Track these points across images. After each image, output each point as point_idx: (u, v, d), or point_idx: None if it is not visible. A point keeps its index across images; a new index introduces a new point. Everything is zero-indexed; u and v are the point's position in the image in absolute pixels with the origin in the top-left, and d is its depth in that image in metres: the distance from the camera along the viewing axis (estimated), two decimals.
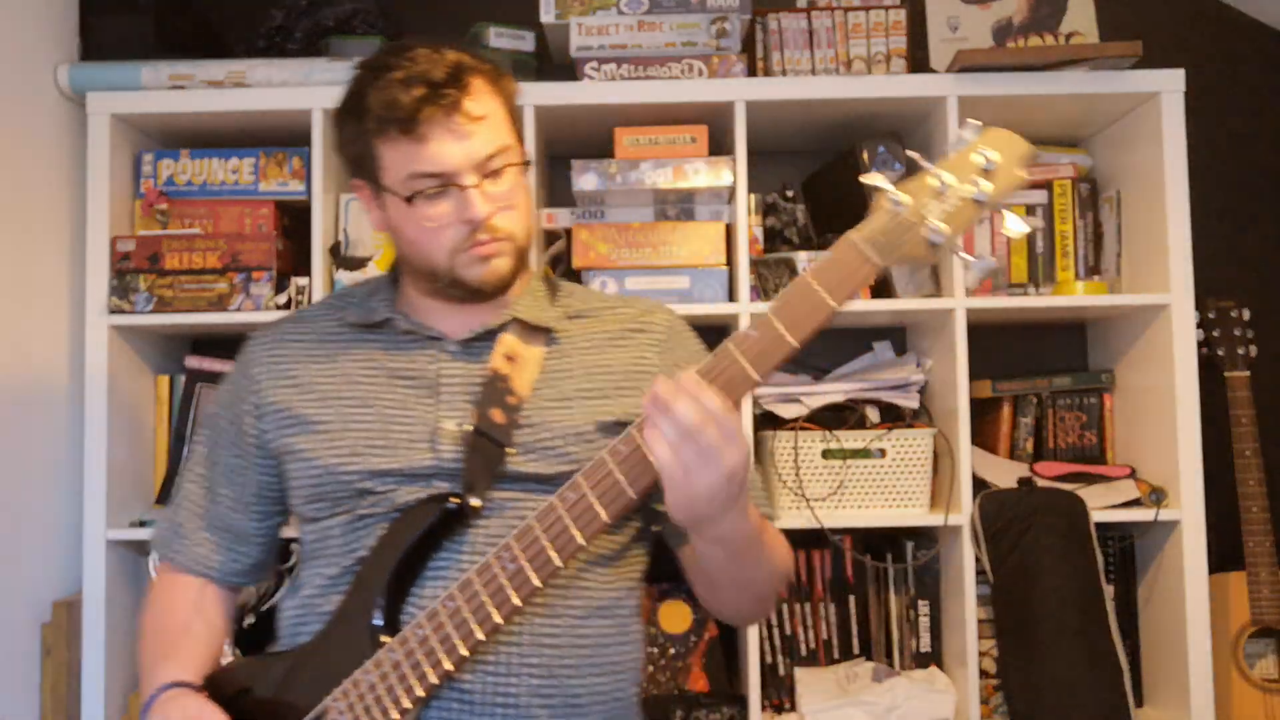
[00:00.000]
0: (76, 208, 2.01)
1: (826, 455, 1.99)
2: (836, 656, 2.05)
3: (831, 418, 2.03)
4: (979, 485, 2.00)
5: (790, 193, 2.15)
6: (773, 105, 1.97)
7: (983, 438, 2.14)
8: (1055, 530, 1.93)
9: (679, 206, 2.03)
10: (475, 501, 1.15)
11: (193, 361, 2.08)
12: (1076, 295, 2.03)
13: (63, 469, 1.97)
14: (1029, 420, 2.14)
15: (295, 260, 2.05)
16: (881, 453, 2.00)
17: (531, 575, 1.08)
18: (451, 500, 1.15)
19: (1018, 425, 2.14)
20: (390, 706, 1.09)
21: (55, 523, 1.95)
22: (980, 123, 1.06)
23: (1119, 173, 2.13)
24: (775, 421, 2.03)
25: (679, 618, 2.04)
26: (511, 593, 1.08)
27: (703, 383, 1.01)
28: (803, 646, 2.05)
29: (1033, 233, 2.14)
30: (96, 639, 1.88)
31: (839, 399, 2.04)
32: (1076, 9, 2.14)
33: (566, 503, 1.07)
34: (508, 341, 1.23)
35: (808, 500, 1.97)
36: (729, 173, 1.95)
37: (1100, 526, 1.97)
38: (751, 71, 2.07)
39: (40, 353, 1.92)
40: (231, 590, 1.33)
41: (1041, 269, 2.14)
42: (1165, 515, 1.93)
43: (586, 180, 1.97)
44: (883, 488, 2.00)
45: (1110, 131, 2.15)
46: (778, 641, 2.05)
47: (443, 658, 1.09)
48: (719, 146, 2.05)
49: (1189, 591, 1.91)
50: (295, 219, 2.08)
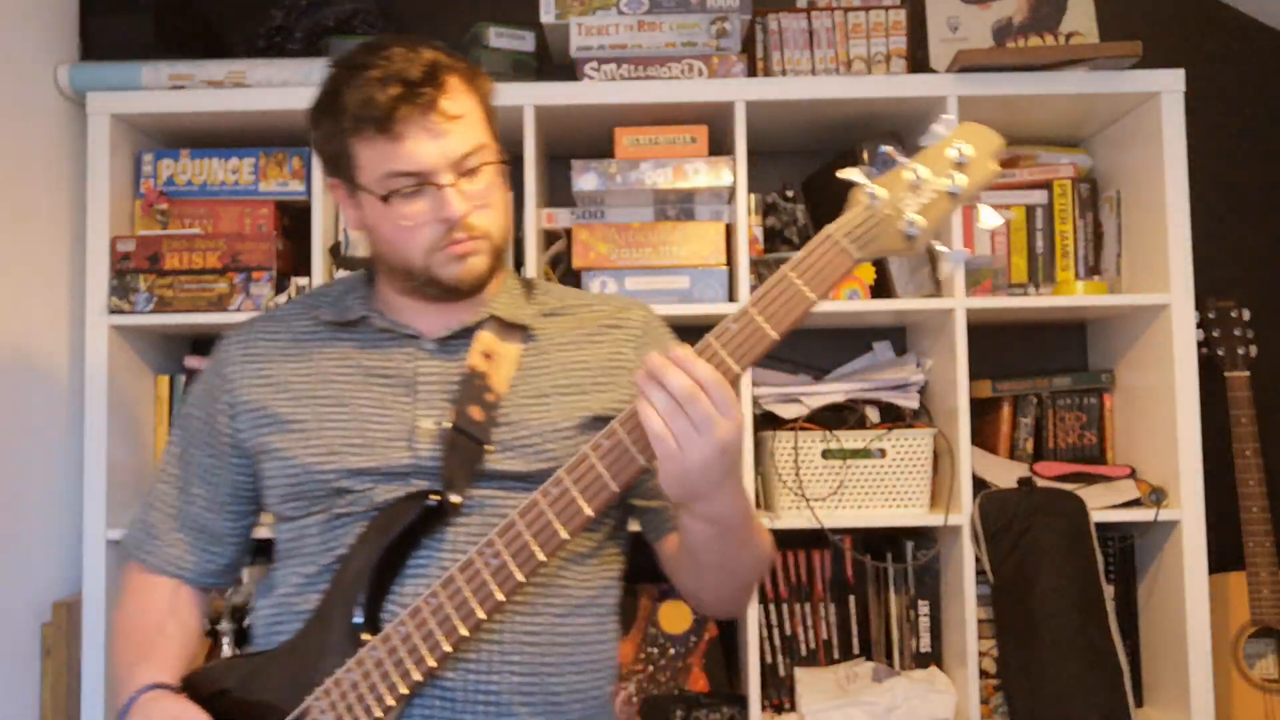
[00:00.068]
0: (76, 208, 2.01)
1: (826, 455, 1.99)
2: (836, 656, 2.05)
3: (831, 418, 2.03)
4: (979, 485, 2.00)
5: (790, 193, 2.15)
6: (773, 105, 1.97)
7: (983, 438, 2.14)
8: (1055, 530, 1.94)
9: (679, 206, 2.03)
10: (455, 498, 1.15)
11: (193, 361, 2.09)
12: (1076, 295, 2.03)
13: (63, 469, 1.97)
14: (1029, 420, 2.14)
15: (295, 260, 2.05)
16: (881, 453, 2.00)
17: (515, 570, 1.07)
18: (431, 497, 1.14)
19: (1018, 425, 2.14)
20: (373, 704, 1.09)
21: (55, 523, 1.95)
22: (953, 117, 1.08)
23: (1119, 173, 2.13)
24: (775, 421, 2.03)
25: (679, 618, 2.04)
26: (495, 588, 1.08)
27: (695, 355, 1.01)
28: (803, 646, 2.05)
29: (1033, 233, 2.14)
30: (96, 639, 1.88)
31: (839, 399, 2.04)
32: (1076, 9, 2.14)
33: (549, 497, 1.07)
34: (485, 339, 1.23)
35: (808, 500, 1.97)
36: (729, 173, 1.95)
37: (1100, 526, 1.97)
38: (751, 71, 2.07)
39: (40, 353, 1.92)
40: (204, 591, 1.32)
41: (1041, 269, 2.14)
42: (1165, 515, 1.93)
43: (586, 180, 1.97)
44: (883, 488, 2.00)
45: (1110, 131, 2.15)
46: (778, 641, 2.05)
47: (426, 655, 1.08)
48: (719, 146, 2.05)
49: (1189, 591, 1.91)
50: (295, 219, 2.08)
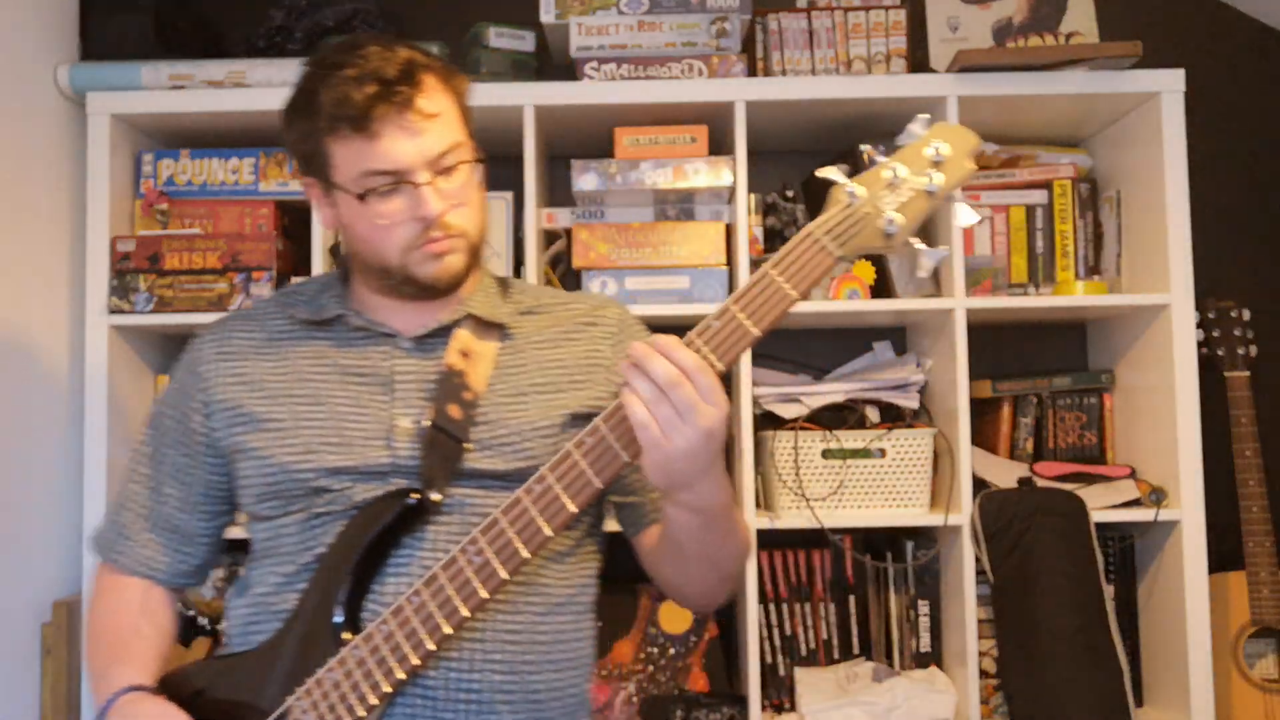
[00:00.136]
0: (76, 208, 2.01)
1: (826, 455, 1.99)
2: (836, 656, 2.05)
3: (831, 418, 2.03)
4: (979, 485, 2.00)
5: (790, 193, 2.15)
6: (773, 105, 1.97)
7: (983, 438, 2.14)
8: (1055, 530, 1.94)
9: (679, 206, 2.03)
10: (435, 496, 1.15)
11: None
12: (1076, 295, 2.03)
13: (63, 469, 1.97)
14: (1029, 420, 2.14)
15: (295, 260, 2.05)
16: (881, 453, 2.00)
17: (499, 568, 1.07)
18: (412, 496, 1.14)
19: (1018, 425, 2.14)
20: (356, 704, 1.09)
21: (55, 523, 1.95)
22: (929, 116, 1.09)
23: (1119, 173, 2.13)
24: (775, 421, 2.03)
25: (679, 618, 2.04)
26: (479, 585, 1.08)
27: (678, 342, 1.01)
28: (803, 646, 2.05)
29: (1033, 233, 2.14)
30: None
31: (839, 399, 2.04)
32: (1076, 9, 2.14)
33: (532, 495, 1.07)
34: (462, 337, 1.23)
35: (808, 500, 1.97)
36: (729, 173, 1.95)
37: (1100, 526, 1.97)
38: (751, 71, 2.07)
39: (40, 353, 1.92)
40: (175, 591, 1.31)
41: (1041, 269, 2.14)
42: (1165, 515, 1.93)
43: (586, 180, 1.97)
44: (883, 488, 2.00)
45: (1110, 131, 2.15)
46: (778, 641, 2.05)
47: (409, 653, 1.08)
48: (719, 146, 2.05)
49: (1189, 591, 1.91)
50: (295, 219, 2.08)
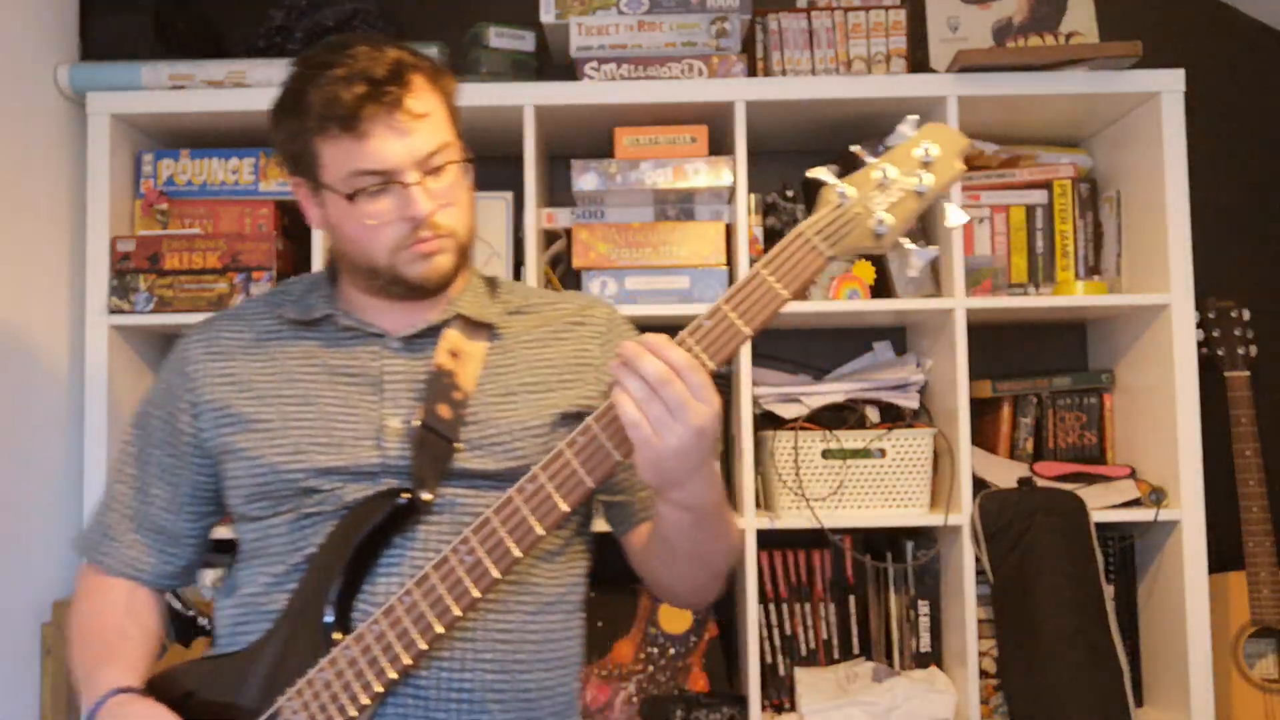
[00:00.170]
0: (76, 208, 2.01)
1: (826, 455, 1.99)
2: (836, 656, 2.05)
3: (831, 418, 2.03)
4: (979, 485, 2.00)
5: (790, 193, 2.15)
6: (773, 105, 1.97)
7: (983, 438, 2.14)
8: (1055, 530, 1.94)
9: (679, 206, 2.03)
10: (426, 496, 1.15)
11: None
12: (1076, 295, 2.03)
13: (63, 469, 1.97)
14: (1029, 420, 2.14)
15: (295, 260, 2.05)
16: (881, 453, 2.00)
17: (490, 567, 1.07)
18: (402, 495, 1.14)
19: (1018, 425, 2.14)
20: (347, 704, 1.08)
21: (55, 523, 1.95)
22: (919, 117, 1.10)
23: (1119, 173, 2.13)
24: (775, 421, 2.03)
25: (679, 618, 2.04)
26: (470, 585, 1.08)
27: (669, 340, 1.01)
28: (803, 646, 2.05)
29: (1033, 233, 2.14)
30: None
31: (839, 399, 2.04)
32: (1076, 9, 2.14)
33: (524, 494, 1.07)
34: (451, 337, 1.23)
35: (808, 500, 1.97)
36: (729, 173, 1.95)
37: (1100, 526, 1.97)
38: (751, 71, 2.07)
39: (40, 353, 1.92)
40: (160, 593, 1.31)
41: (1041, 269, 2.14)
42: (1165, 515, 1.93)
43: (586, 180, 1.97)
44: (883, 488, 2.00)
45: (1110, 131, 2.15)
46: (778, 641, 2.05)
47: (401, 652, 1.08)
48: (719, 146, 2.05)
49: (1189, 591, 1.91)
50: (295, 219, 2.08)
